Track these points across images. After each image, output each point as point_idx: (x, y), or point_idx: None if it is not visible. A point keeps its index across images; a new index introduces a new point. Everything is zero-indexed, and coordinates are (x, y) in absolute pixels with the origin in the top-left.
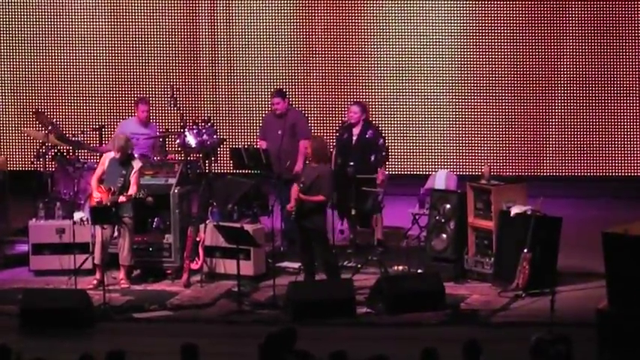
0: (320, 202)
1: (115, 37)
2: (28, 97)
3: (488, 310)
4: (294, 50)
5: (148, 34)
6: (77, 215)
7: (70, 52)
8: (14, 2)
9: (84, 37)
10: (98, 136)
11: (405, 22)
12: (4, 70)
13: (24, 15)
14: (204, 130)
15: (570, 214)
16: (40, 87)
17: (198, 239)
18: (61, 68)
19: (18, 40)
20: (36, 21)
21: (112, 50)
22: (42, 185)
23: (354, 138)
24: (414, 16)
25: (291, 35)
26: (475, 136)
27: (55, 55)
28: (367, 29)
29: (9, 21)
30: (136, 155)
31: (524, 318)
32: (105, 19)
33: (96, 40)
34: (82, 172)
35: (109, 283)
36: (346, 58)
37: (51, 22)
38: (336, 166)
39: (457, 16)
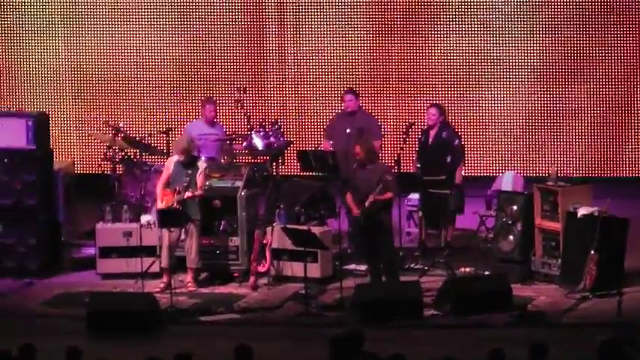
0: (388, 199)
1: (183, 40)
2: (95, 100)
3: (555, 312)
4: (363, 52)
5: (215, 36)
6: (144, 218)
7: (138, 54)
8: (83, 6)
9: (153, 39)
10: (165, 138)
11: (475, 24)
12: (73, 73)
13: (93, 18)
14: (271, 133)
15: (637, 215)
16: (108, 90)
17: (265, 242)
18: (128, 70)
19: (87, 41)
20: (104, 23)
21: (179, 52)
22: (109, 188)
23: (431, 140)
24: (484, 17)
25: (361, 37)
26: (542, 138)
27: (123, 57)
28: (436, 29)
29: (78, 24)
30: (202, 157)
31: (591, 319)
32: (173, 20)
33: (164, 42)
34: (149, 174)
35: (176, 286)
36: (416, 61)
37: (119, 24)
38: (417, 169)
39: (527, 17)
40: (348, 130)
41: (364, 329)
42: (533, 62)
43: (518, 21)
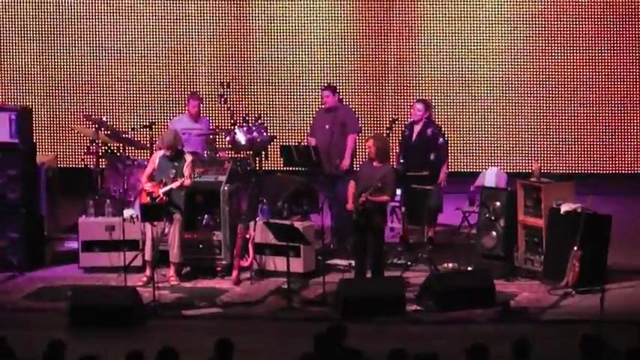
0: (384, 202)
1: (164, 35)
2: (77, 94)
3: (538, 308)
4: (344, 47)
5: (197, 32)
6: (127, 212)
7: (119, 50)
8: (63, 1)
9: (133, 35)
10: (148, 133)
11: (456, 19)
12: (53, 68)
13: (71, 13)
14: (254, 128)
15: (620, 211)
16: (90, 84)
17: (248, 236)
18: (110, 65)
19: (66, 37)
20: (84, 19)
21: (162, 48)
22: (92, 182)
23: (415, 136)
24: (467, 12)
25: (341, 32)
26: (525, 134)
27: (104, 53)
28: (418, 26)
29: (56, 19)
30: (187, 151)
31: (574, 316)
32: (154, 16)
33: (145, 38)
34: (131, 169)
35: (159, 280)
36: (397, 56)
37: (99, 20)
38: (398, 164)
39: (511, 13)
40: (327, 127)
41: (347, 324)
42: (518, 58)
43: (504, 16)
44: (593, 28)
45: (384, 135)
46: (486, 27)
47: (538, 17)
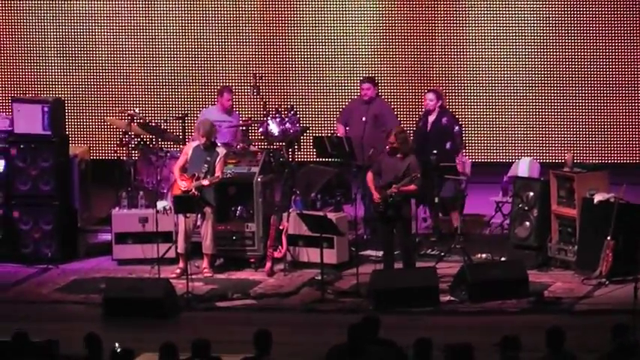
0: (411, 192)
1: (197, 25)
2: (110, 86)
3: (571, 298)
4: (376, 37)
5: (230, 22)
6: (160, 204)
7: (152, 41)
8: None
9: (166, 26)
10: (181, 124)
11: (487, 7)
12: (86, 60)
13: (105, 6)
14: (287, 119)
15: None
16: (122, 76)
17: (281, 228)
18: (143, 57)
19: (101, 29)
20: (118, 12)
21: (194, 38)
22: (125, 174)
23: (430, 125)
24: (495, 2)
25: (373, 22)
26: (558, 124)
27: (137, 44)
28: (449, 14)
29: (90, 13)
30: (219, 143)
31: (608, 306)
32: (187, 9)
33: (178, 28)
34: (164, 160)
35: (192, 272)
36: (428, 44)
37: (135, 9)
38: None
39: (544, 3)
40: (363, 119)
41: (380, 315)
42: (551, 48)
43: (533, 5)
44: (632, 17)
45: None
46: (520, 16)
47: (573, 6)
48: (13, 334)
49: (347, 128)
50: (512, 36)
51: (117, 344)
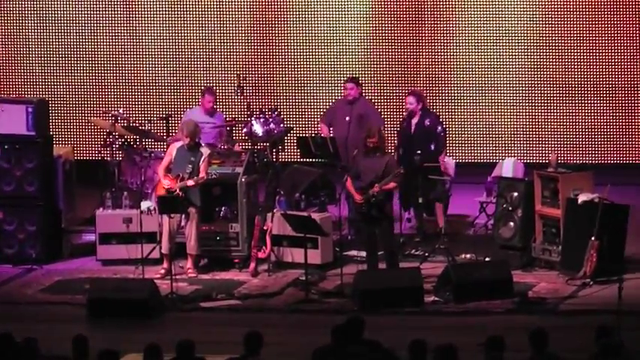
0: (392, 189)
1: (181, 27)
2: (94, 87)
3: (555, 298)
4: (362, 39)
5: (214, 24)
6: (144, 205)
7: (137, 42)
8: None
9: (150, 27)
10: (165, 125)
11: (472, 8)
12: (72, 61)
13: (92, 7)
14: (270, 119)
15: (638, 201)
16: (107, 76)
17: (265, 228)
18: (127, 57)
19: (87, 30)
20: (104, 9)
21: (178, 39)
22: (109, 175)
23: (413, 127)
24: (480, 3)
25: (358, 22)
26: (542, 124)
27: (122, 45)
28: (434, 15)
29: (77, 11)
30: (202, 143)
31: (592, 306)
32: (173, 6)
33: (163, 29)
34: (149, 161)
35: (177, 272)
36: (414, 45)
37: (119, 9)
38: (398, 155)
39: (529, 5)
40: (347, 118)
41: (365, 316)
42: (534, 48)
43: (518, 6)
44: (615, 19)
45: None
46: (506, 19)
47: (557, 8)
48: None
49: (331, 129)
50: (497, 37)
51: None
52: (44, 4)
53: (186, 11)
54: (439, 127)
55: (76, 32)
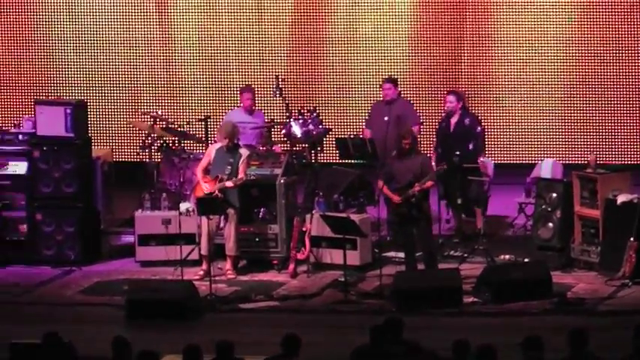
0: (429, 188)
1: (219, 27)
2: (133, 88)
3: (594, 299)
4: (400, 40)
5: (252, 24)
6: (183, 206)
7: (175, 43)
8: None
9: (188, 27)
10: (203, 126)
11: (511, 10)
12: (110, 62)
13: (127, 10)
14: (309, 120)
15: None
16: (145, 77)
17: (304, 229)
18: (165, 58)
19: (124, 31)
20: (142, 9)
21: (217, 40)
22: (148, 176)
23: (452, 126)
24: (518, 3)
25: (397, 24)
26: (581, 125)
27: (159, 46)
28: (473, 17)
29: (112, 16)
30: (241, 145)
31: (631, 307)
32: (208, 11)
33: (200, 30)
34: (187, 162)
35: (216, 273)
36: (453, 47)
37: (156, 10)
38: (437, 155)
39: (562, 2)
40: (386, 119)
41: (403, 317)
42: (574, 50)
43: (556, 7)
44: None
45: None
46: (543, 19)
47: (596, 8)
48: (44, 336)
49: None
50: (536, 38)
51: None
52: (77, 5)
53: (224, 12)
54: (478, 127)
55: (115, 33)
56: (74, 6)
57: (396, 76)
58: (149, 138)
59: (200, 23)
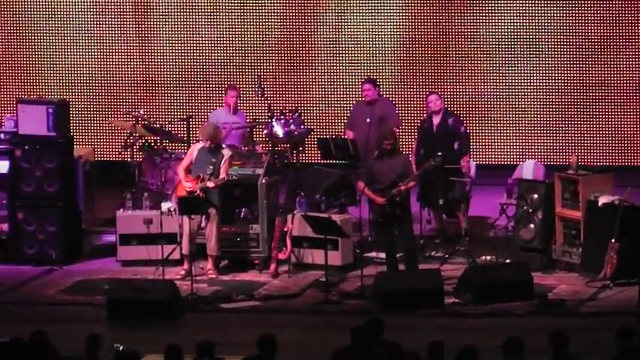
0: (411, 188)
1: (202, 27)
2: (115, 88)
3: (575, 300)
4: (384, 41)
5: (235, 24)
6: (165, 206)
7: (157, 43)
8: None
9: (171, 27)
10: (186, 126)
11: (492, 11)
12: (92, 61)
13: (110, 8)
14: (291, 121)
15: None
16: (128, 77)
17: (285, 229)
18: (148, 58)
19: (106, 30)
20: (125, 9)
21: (201, 40)
22: (129, 176)
23: (435, 127)
24: (502, 5)
25: (379, 24)
26: (563, 126)
27: (142, 45)
28: (455, 18)
29: (98, 11)
30: (224, 145)
31: (612, 308)
32: (193, 6)
33: (183, 30)
34: (169, 162)
35: (197, 273)
36: (435, 48)
37: (140, 10)
38: (418, 156)
39: (546, 5)
40: (367, 120)
41: (385, 317)
42: (554, 50)
43: (538, 8)
44: (632, 18)
45: None
46: (525, 19)
47: (575, 8)
48: (31, 335)
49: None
50: (518, 39)
51: (117, 345)
52: (60, 4)
53: (208, 12)
54: (462, 128)
55: (97, 32)
56: (57, 5)
57: (378, 77)
58: (131, 137)
59: (183, 23)
